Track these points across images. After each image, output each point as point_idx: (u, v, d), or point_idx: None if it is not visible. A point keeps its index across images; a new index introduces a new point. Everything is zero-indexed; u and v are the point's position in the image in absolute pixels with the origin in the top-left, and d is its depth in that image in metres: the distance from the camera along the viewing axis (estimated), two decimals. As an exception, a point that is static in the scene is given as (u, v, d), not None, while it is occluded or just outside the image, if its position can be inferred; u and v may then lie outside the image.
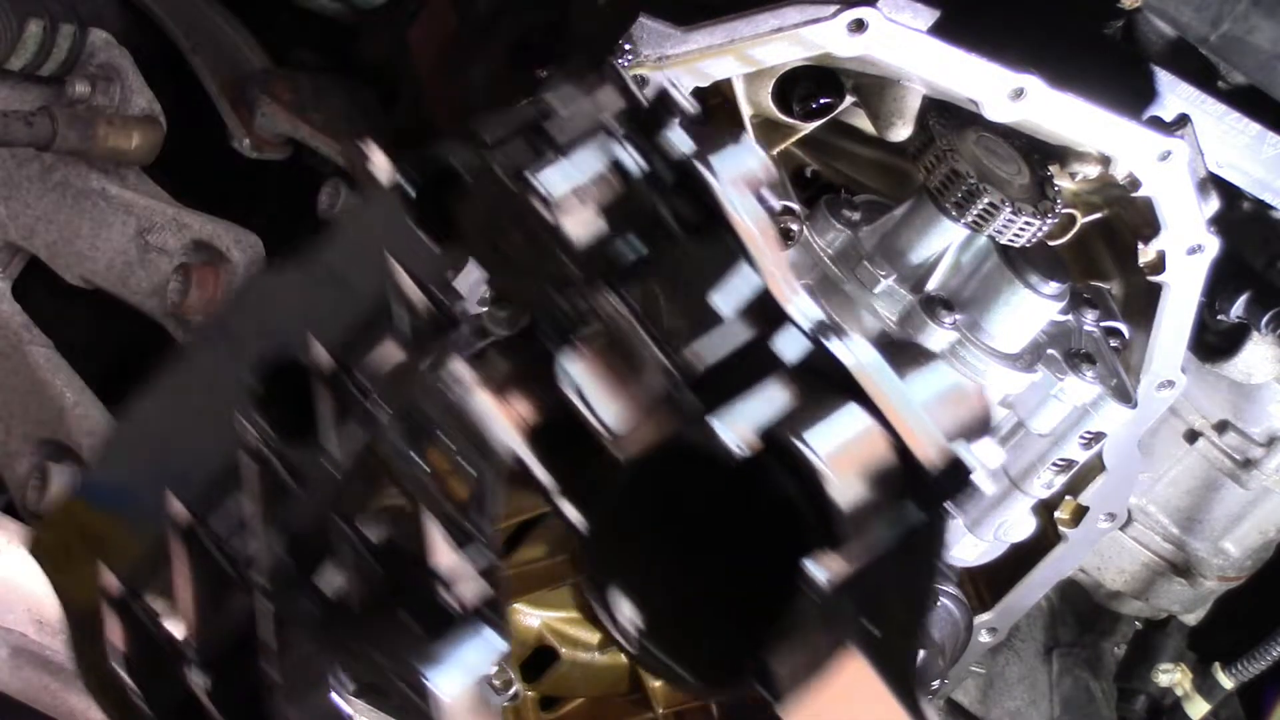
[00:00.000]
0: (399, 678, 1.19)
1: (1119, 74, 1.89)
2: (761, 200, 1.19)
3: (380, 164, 1.29)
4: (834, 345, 1.14)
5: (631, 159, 1.22)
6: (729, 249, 1.16)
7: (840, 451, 1.10)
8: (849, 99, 1.86)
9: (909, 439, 1.12)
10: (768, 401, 1.13)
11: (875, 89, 1.82)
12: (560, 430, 1.19)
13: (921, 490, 1.13)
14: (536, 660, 2.22)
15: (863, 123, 1.90)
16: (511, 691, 2.15)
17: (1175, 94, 1.89)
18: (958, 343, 1.85)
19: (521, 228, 1.21)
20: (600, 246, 1.20)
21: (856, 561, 1.10)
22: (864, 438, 1.12)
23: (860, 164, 2.03)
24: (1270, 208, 2.04)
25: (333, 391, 1.31)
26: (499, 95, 1.89)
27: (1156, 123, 1.85)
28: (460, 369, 1.20)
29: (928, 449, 1.12)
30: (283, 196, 2.42)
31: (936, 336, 1.84)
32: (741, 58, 1.69)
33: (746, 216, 1.17)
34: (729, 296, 1.17)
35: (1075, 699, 2.77)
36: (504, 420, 1.19)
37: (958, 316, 1.85)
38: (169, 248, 2.22)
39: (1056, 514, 2.18)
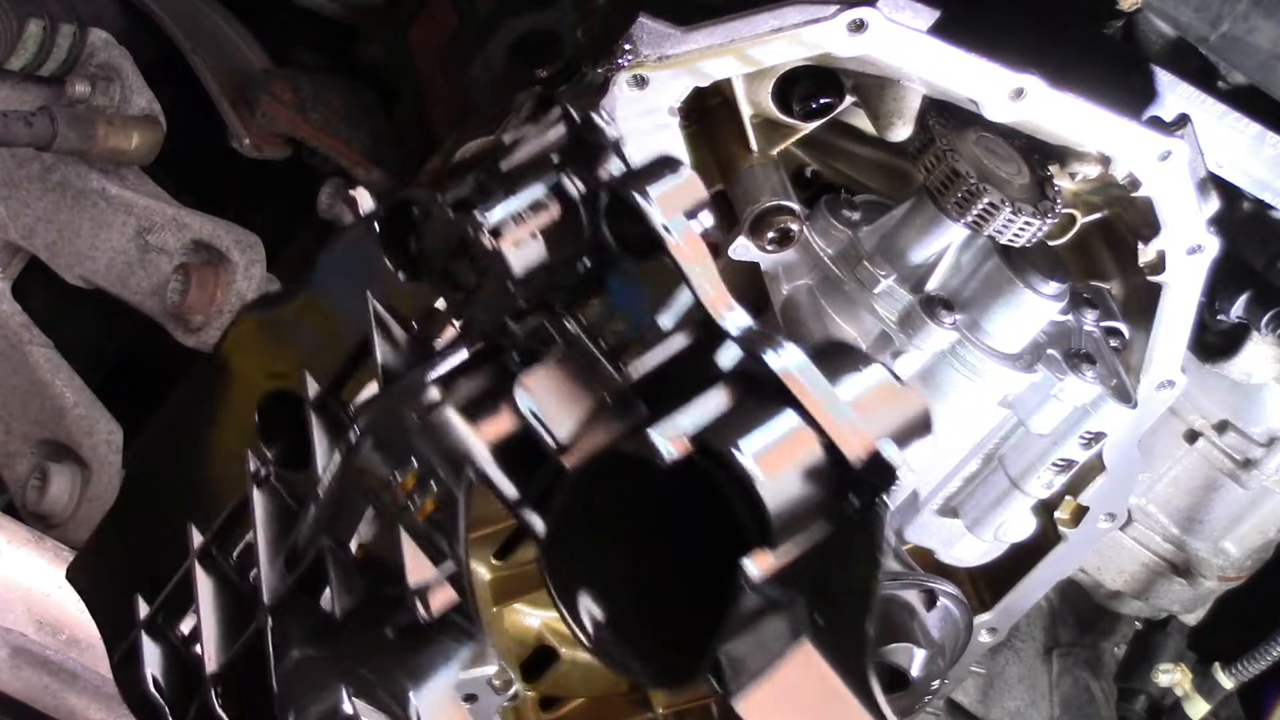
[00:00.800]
0: (381, 688, 1.24)
1: (1119, 74, 1.89)
2: (693, 219, 1.25)
3: (368, 206, 1.38)
4: (765, 353, 1.19)
5: (573, 188, 1.30)
6: (666, 266, 1.22)
7: (770, 453, 1.14)
8: (849, 99, 1.86)
9: (835, 438, 1.16)
10: (703, 409, 1.18)
11: (875, 89, 1.82)
12: (527, 442, 1.25)
13: (854, 487, 1.17)
14: (536, 660, 2.22)
15: (863, 123, 1.90)
16: (511, 691, 2.15)
17: (1175, 94, 1.89)
18: (958, 343, 1.85)
19: (469, 257, 1.29)
20: (545, 270, 1.27)
21: (791, 557, 1.14)
22: (794, 439, 1.16)
23: (860, 164, 2.03)
24: (1270, 208, 2.04)
25: (324, 422, 1.40)
26: (499, 95, 1.89)
27: (1156, 123, 1.85)
28: (431, 391, 1.27)
29: (854, 447, 1.16)
30: (283, 196, 2.42)
31: (936, 336, 1.84)
32: (741, 58, 1.69)
33: (678, 235, 1.23)
34: (669, 311, 1.23)
35: (1075, 699, 2.78)
36: (470, 437, 1.25)
37: (958, 316, 1.85)
38: (169, 248, 2.22)
39: (1056, 514, 2.18)
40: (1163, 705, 2.64)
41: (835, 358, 1.22)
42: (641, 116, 1.68)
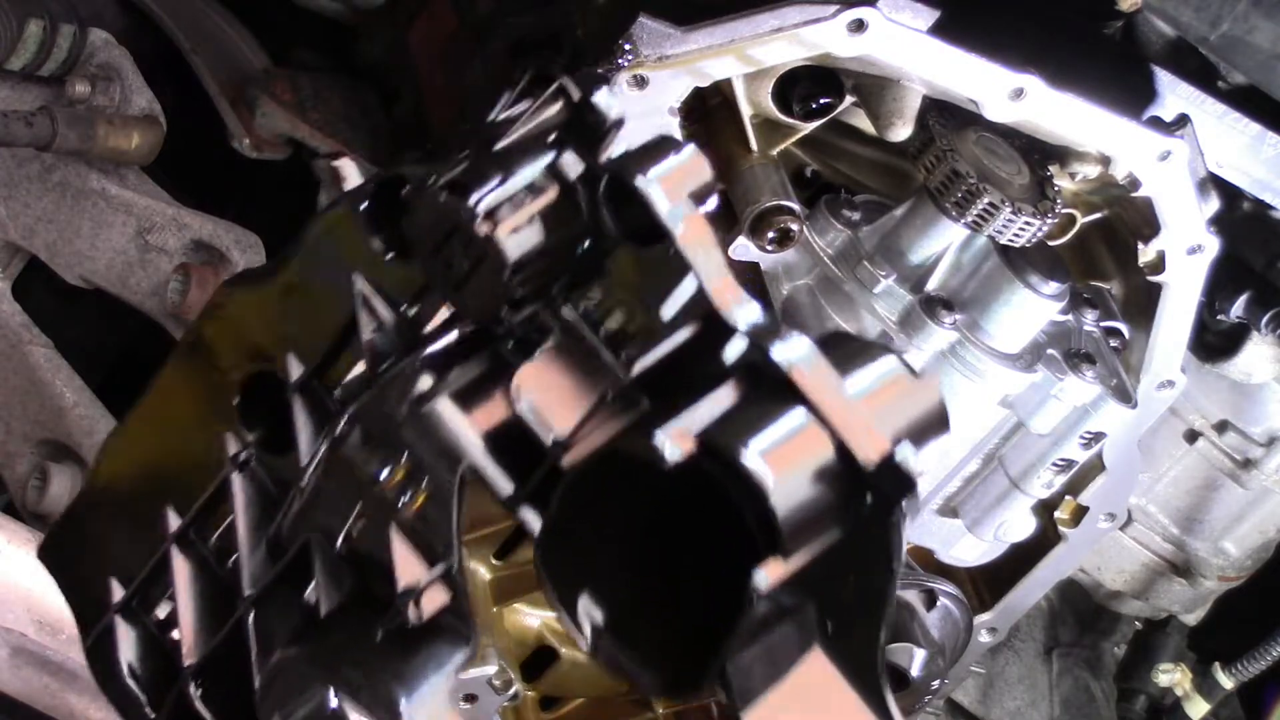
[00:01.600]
0: (370, 693, 1.20)
1: (1119, 74, 1.89)
2: (700, 205, 1.18)
3: (354, 178, 1.32)
4: (772, 347, 1.13)
5: (571, 170, 1.23)
6: (671, 254, 1.16)
7: (778, 454, 1.08)
8: (849, 99, 1.86)
9: (847, 439, 1.10)
10: (708, 407, 1.12)
11: (875, 89, 1.82)
12: (523, 436, 1.20)
13: (867, 490, 1.11)
14: (536, 660, 2.22)
15: (863, 123, 1.90)
16: (511, 691, 2.14)
17: (1175, 94, 1.89)
18: (957, 343, 1.85)
19: (462, 242, 1.22)
20: (541, 257, 1.21)
21: (802, 564, 1.09)
22: (803, 438, 1.10)
23: (860, 164, 2.03)
24: (1270, 208, 2.04)
25: (308, 405, 1.34)
26: (499, 95, 1.89)
27: (1156, 123, 1.85)
28: (423, 379, 1.22)
29: (867, 450, 1.10)
30: (283, 196, 2.42)
31: (936, 336, 1.84)
32: (741, 58, 1.69)
33: (683, 222, 1.16)
34: (673, 300, 1.17)
35: (1075, 699, 2.78)
36: (464, 428, 1.20)
37: (958, 316, 1.85)
38: (169, 248, 2.22)
39: (1056, 514, 2.18)
40: (1163, 705, 2.64)
41: (847, 348, 1.15)
42: (641, 117, 1.68)
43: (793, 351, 1.13)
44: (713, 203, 1.19)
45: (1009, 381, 1.90)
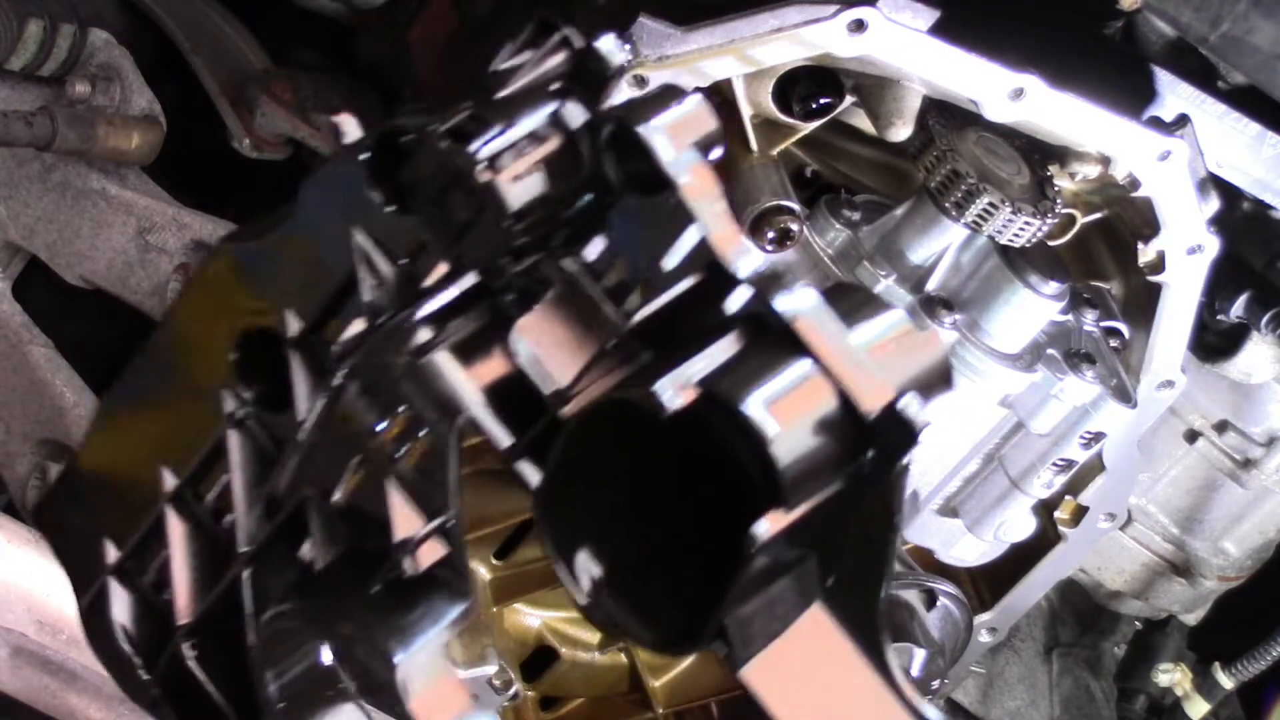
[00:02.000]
0: (365, 648, 1.18)
1: (1119, 74, 1.89)
2: (704, 154, 1.17)
3: (354, 134, 1.31)
4: (776, 296, 1.11)
5: (574, 119, 1.21)
6: (673, 203, 1.15)
7: (781, 404, 1.07)
8: (849, 99, 1.86)
9: (850, 390, 1.09)
10: (710, 356, 1.10)
11: (875, 89, 1.82)
12: (523, 388, 1.18)
13: (870, 442, 1.10)
14: (536, 660, 2.22)
15: (863, 123, 1.90)
16: (511, 691, 2.15)
17: (1175, 94, 1.89)
18: (958, 343, 1.85)
19: (463, 191, 1.21)
20: (542, 206, 1.19)
21: (803, 516, 1.08)
22: (806, 389, 1.09)
23: (860, 164, 2.03)
24: (1270, 208, 2.04)
25: (306, 360, 1.32)
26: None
27: (1156, 123, 1.85)
28: (421, 332, 1.20)
29: (870, 400, 1.09)
30: (283, 197, 2.42)
31: (936, 336, 1.84)
32: (741, 58, 1.69)
33: (686, 170, 1.15)
34: (675, 251, 1.15)
35: (1075, 699, 2.78)
36: (462, 381, 1.18)
37: (958, 316, 1.85)
38: (169, 248, 2.22)
39: (1056, 514, 2.18)
40: (1163, 705, 2.64)
41: (851, 301, 1.14)
42: (641, 116, 1.67)
43: (797, 302, 1.11)
44: (717, 153, 1.17)
45: (1009, 381, 1.90)
